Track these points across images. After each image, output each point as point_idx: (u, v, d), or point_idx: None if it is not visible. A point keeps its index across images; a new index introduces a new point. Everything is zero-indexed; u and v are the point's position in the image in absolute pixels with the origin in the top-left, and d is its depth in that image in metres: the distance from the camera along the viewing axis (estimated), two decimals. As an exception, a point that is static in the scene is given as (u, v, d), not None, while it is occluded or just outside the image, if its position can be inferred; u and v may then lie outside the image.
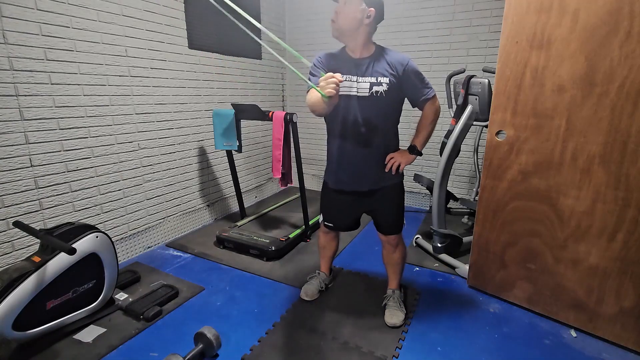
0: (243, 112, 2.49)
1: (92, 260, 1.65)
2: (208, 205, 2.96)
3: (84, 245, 1.60)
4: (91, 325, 1.68)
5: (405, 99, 1.56)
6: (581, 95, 1.50)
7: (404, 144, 1.60)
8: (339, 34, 1.47)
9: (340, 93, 1.46)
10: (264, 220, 2.86)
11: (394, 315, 1.71)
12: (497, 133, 1.77)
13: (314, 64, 1.52)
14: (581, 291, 1.66)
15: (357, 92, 1.46)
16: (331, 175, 1.67)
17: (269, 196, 3.77)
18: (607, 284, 1.59)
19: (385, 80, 1.44)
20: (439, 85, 2.79)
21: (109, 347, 1.55)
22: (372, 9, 1.41)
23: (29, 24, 1.70)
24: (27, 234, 1.78)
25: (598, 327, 1.65)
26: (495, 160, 1.79)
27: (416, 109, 1.59)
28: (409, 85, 1.49)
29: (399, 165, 1.57)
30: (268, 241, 2.37)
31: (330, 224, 1.80)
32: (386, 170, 1.57)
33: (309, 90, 1.43)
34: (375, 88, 1.44)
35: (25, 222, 1.68)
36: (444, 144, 2.16)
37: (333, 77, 1.16)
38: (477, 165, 2.92)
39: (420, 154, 1.61)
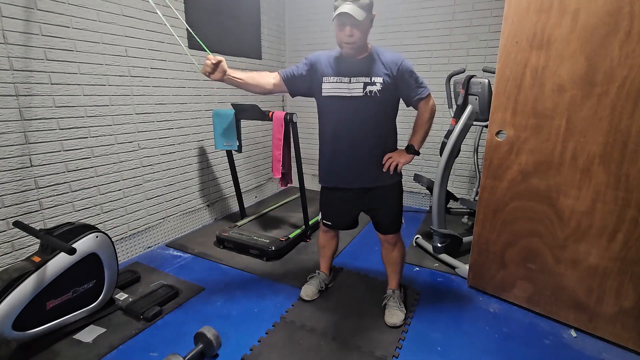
0: (243, 112, 2.49)
1: (92, 260, 1.65)
2: (208, 205, 2.96)
3: (84, 245, 1.60)
4: (91, 325, 1.68)
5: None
6: (581, 95, 1.50)
7: (403, 143, 1.60)
8: (356, 51, 1.45)
9: (330, 94, 1.52)
10: (264, 220, 2.86)
11: (393, 315, 1.71)
12: (497, 133, 1.77)
13: (304, 60, 1.58)
14: (581, 291, 1.66)
15: (350, 93, 1.47)
16: (322, 174, 1.69)
17: (269, 196, 3.76)
18: (607, 284, 1.59)
19: (379, 80, 1.45)
20: (439, 85, 2.79)
21: (109, 347, 1.55)
22: (374, 12, 1.42)
23: (29, 24, 1.70)
24: (27, 234, 1.77)
25: (598, 327, 1.65)
26: (495, 160, 1.79)
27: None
28: (403, 85, 1.50)
29: (397, 165, 1.57)
30: (268, 241, 2.37)
31: (328, 222, 1.80)
32: (384, 170, 1.58)
33: None
34: (369, 88, 1.45)
35: (25, 222, 1.68)
36: (444, 144, 2.16)
37: (208, 58, 1.36)
38: (477, 165, 2.91)
39: (418, 154, 1.62)
